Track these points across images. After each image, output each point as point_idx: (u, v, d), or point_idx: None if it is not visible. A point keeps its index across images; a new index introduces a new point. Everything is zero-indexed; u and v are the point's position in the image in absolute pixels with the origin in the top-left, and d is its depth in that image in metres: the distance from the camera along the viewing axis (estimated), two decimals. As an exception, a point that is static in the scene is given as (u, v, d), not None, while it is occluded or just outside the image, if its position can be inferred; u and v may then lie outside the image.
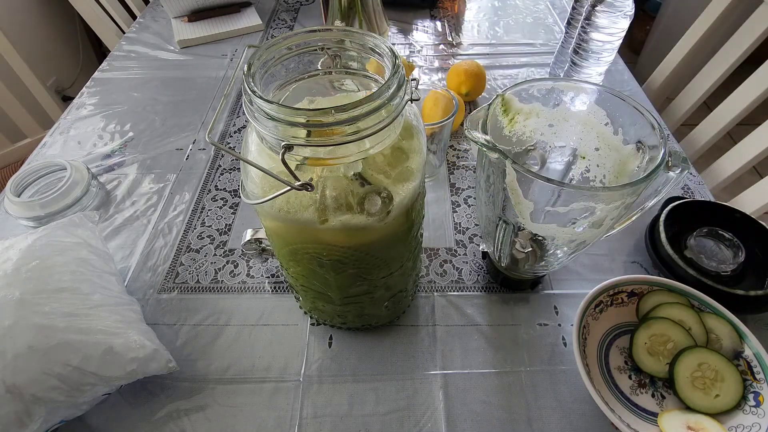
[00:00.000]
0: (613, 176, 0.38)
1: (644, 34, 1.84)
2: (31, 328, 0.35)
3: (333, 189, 0.28)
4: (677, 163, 0.32)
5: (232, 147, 0.66)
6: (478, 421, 0.39)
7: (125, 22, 1.09)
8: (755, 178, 0.65)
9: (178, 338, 0.44)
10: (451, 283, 0.49)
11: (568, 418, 0.39)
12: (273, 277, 0.50)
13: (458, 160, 0.63)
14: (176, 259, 0.51)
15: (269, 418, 0.39)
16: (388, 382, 0.41)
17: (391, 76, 0.26)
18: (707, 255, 0.47)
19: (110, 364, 0.36)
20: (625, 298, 0.44)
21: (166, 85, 0.77)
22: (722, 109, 0.71)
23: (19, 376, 0.34)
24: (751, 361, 0.37)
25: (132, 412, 0.40)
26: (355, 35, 0.29)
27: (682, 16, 1.32)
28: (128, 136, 0.67)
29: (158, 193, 0.59)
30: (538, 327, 0.45)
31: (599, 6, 0.61)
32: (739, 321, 0.39)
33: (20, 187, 0.55)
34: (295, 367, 0.42)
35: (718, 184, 0.69)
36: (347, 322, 0.43)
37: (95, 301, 0.39)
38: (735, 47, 0.70)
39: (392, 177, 0.30)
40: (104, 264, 0.44)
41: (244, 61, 0.27)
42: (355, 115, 0.24)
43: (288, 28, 0.92)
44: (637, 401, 0.39)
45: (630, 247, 0.52)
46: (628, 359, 0.42)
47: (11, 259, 0.39)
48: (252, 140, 0.29)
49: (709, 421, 0.36)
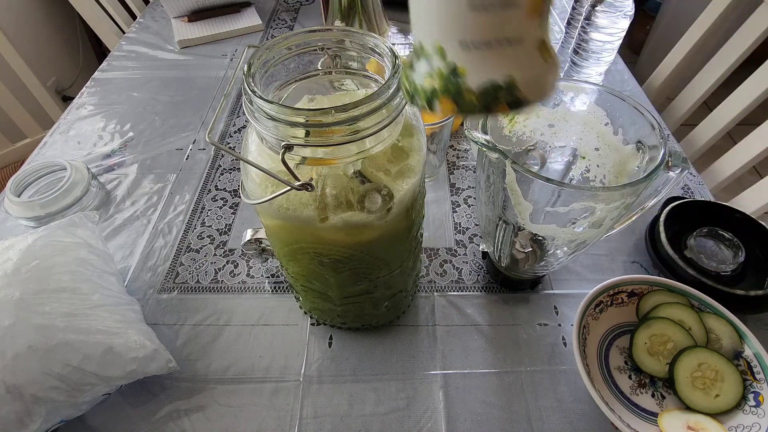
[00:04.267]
0: (613, 176, 0.38)
1: (644, 34, 1.84)
2: (31, 328, 0.35)
3: (333, 187, 0.28)
4: (677, 163, 0.32)
5: (232, 147, 0.66)
6: (478, 421, 0.39)
7: (125, 22, 1.09)
8: (755, 178, 0.65)
9: (178, 338, 0.44)
10: (451, 283, 0.49)
11: (568, 418, 0.39)
12: (273, 277, 0.49)
13: (458, 160, 0.63)
14: (176, 259, 0.51)
15: (269, 418, 0.39)
16: (388, 382, 0.41)
17: (391, 76, 0.26)
18: (707, 255, 0.47)
19: (110, 364, 0.36)
20: (625, 298, 0.44)
21: (166, 85, 0.77)
22: (722, 109, 0.71)
23: (19, 376, 0.34)
24: (751, 361, 0.37)
25: (132, 412, 0.40)
26: (355, 35, 0.29)
27: (682, 16, 1.32)
28: (128, 136, 0.67)
29: (158, 193, 0.59)
30: (538, 327, 0.45)
31: (599, 6, 0.61)
32: (739, 321, 0.39)
33: (20, 187, 0.55)
34: (295, 367, 0.42)
35: (718, 184, 0.69)
36: (347, 322, 0.43)
37: (95, 301, 0.39)
38: (735, 47, 0.70)
39: (392, 175, 0.30)
40: (104, 264, 0.44)
41: (244, 61, 0.27)
42: (355, 115, 0.24)
43: (288, 28, 0.92)
44: (637, 401, 0.39)
45: (630, 247, 0.52)
46: (628, 359, 0.42)
47: (11, 259, 0.39)
48: (252, 140, 0.30)
49: (709, 421, 0.36)
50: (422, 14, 0.18)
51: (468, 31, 0.16)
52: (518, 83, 0.17)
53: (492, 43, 0.17)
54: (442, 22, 0.17)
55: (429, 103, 0.18)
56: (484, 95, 0.17)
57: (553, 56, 0.19)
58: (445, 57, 0.17)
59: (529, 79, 0.17)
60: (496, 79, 0.17)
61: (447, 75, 0.17)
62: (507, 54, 0.17)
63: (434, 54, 0.18)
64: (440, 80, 0.18)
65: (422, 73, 0.18)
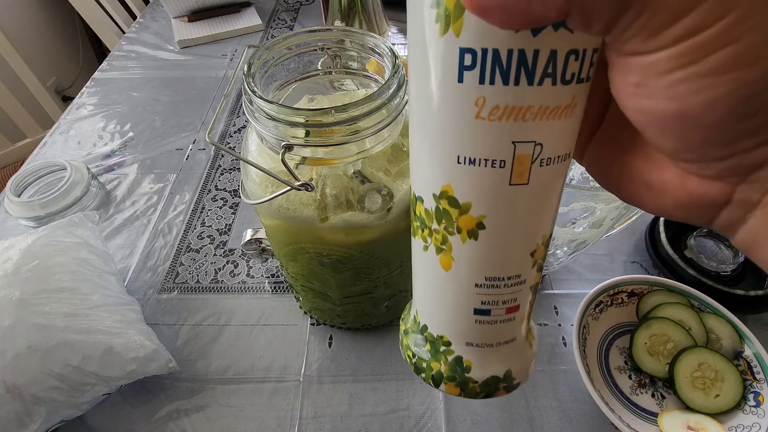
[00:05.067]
0: (613, 176, 0.38)
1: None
2: (31, 328, 0.35)
3: (333, 187, 0.28)
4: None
5: (232, 147, 0.66)
6: (478, 421, 0.39)
7: (125, 22, 1.09)
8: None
9: (178, 338, 0.44)
10: (451, 283, 0.49)
11: (568, 418, 0.39)
12: (273, 277, 0.49)
13: (458, 160, 0.63)
14: (176, 259, 0.51)
15: (269, 418, 0.39)
16: (388, 382, 0.41)
17: (391, 76, 0.26)
18: (707, 255, 0.47)
19: (110, 364, 0.36)
20: (625, 298, 0.44)
21: (166, 85, 0.77)
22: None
23: (19, 376, 0.34)
24: (751, 361, 0.37)
25: (132, 412, 0.40)
26: (355, 35, 0.29)
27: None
28: (128, 136, 0.67)
29: (158, 193, 0.59)
30: (538, 327, 0.45)
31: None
32: (739, 321, 0.39)
33: (20, 187, 0.55)
34: (295, 367, 0.42)
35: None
36: (347, 322, 0.43)
37: (95, 301, 0.39)
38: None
39: (392, 175, 0.30)
40: (104, 264, 0.44)
41: (244, 61, 0.27)
42: (355, 114, 0.24)
43: (288, 28, 0.92)
44: (637, 401, 0.39)
45: (630, 247, 0.52)
46: (628, 359, 0.42)
47: (11, 259, 0.39)
48: (252, 140, 0.30)
49: (709, 421, 0.36)
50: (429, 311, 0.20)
51: (474, 337, 0.19)
52: (513, 373, 0.20)
53: (494, 344, 0.20)
54: (452, 326, 0.19)
55: (435, 383, 0.21)
56: (485, 386, 0.20)
57: (535, 338, 0.22)
58: (452, 349, 0.20)
59: (521, 368, 0.21)
60: (497, 374, 0.20)
61: (453, 365, 0.20)
62: (505, 351, 0.20)
63: (440, 343, 0.20)
64: (447, 367, 0.20)
65: (426, 351, 0.21)
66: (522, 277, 0.18)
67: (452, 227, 0.16)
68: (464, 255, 0.17)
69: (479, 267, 0.17)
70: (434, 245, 0.18)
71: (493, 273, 0.17)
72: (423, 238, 0.18)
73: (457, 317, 0.19)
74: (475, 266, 0.17)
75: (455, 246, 0.17)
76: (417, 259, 0.20)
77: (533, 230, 0.17)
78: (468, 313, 0.18)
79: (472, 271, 0.17)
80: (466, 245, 0.16)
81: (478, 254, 0.17)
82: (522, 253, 0.17)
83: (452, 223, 0.16)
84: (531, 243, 0.17)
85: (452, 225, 0.16)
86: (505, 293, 0.18)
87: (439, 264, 0.18)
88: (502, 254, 0.17)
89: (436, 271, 0.18)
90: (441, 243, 0.17)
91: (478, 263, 0.17)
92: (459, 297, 0.18)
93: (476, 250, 0.16)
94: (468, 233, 0.16)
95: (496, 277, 0.17)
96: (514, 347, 0.20)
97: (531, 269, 0.18)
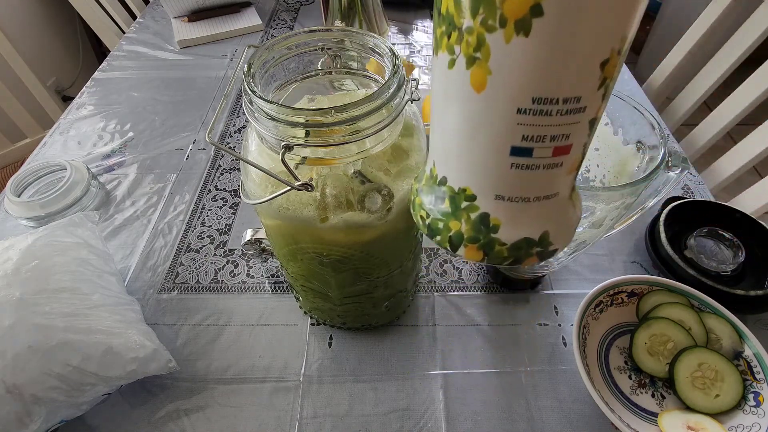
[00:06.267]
0: (613, 176, 0.38)
1: (644, 34, 1.84)
2: (31, 328, 0.35)
3: (333, 187, 0.28)
4: (677, 163, 0.32)
5: (232, 147, 0.66)
6: (478, 421, 0.39)
7: (125, 22, 1.09)
8: (755, 178, 0.65)
9: (178, 338, 0.44)
10: (451, 283, 0.49)
11: (568, 418, 0.39)
12: (273, 277, 0.49)
13: (458, 160, 0.63)
14: (176, 259, 0.51)
15: (269, 418, 0.39)
16: (388, 382, 0.41)
17: (391, 76, 0.26)
18: (707, 255, 0.47)
19: (110, 364, 0.36)
20: (625, 298, 0.44)
21: (166, 85, 0.77)
22: (722, 109, 0.71)
23: (19, 376, 0.34)
24: (751, 361, 0.37)
25: (132, 412, 0.40)
26: (355, 35, 0.29)
27: (682, 16, 1.32)
28: (128, 136, 0.67)
29: (158, 193, 0.59)
30: (538, 327, 0.45)
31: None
32: (739, 321, 0.39)
33: (20, 187, 0.55)
34: (295, 367, 0.42)
35: (718, 184, 0.69)
36: (347, 322, 0.43)
37: (95, 301, 0.39)
38: (735, 47, 0.70)
39: (392, 175, 0.30)
40: (104, 264, 0.44)
41: (244, 61, 0.27)
42: (355, 114, 0.24)
43: (288, 28, 0.92)
44: (637, 401, 0.39)
45: (630, 247, 0.52)
46: (628, 359, 0.42)
47: (11, 259, 0.39)
48: (252, 140, 0.29)
49: (709, 421, 0.36)
50: (449, 157, 0.16)
51: (507, 188, 0.15)
52: (551, 236, 0.16)
53: (531, 199, 0.15)
54: (479, 173, 0.15)
55: (453, 246, 0.17)
56: (515, 249, 0.16)
57: (579, 199, 0.18)
58: (477, 205, 0.16)
59: (561, 230, 0.17)
60: (531, 235, 0.16)
61: (477, 223, 0.16)
62: (543, 209, 0.15)
63: (462, 197, 0.16)
64: (468, 227, 0.16)
65: (444, 210, 0.17)
66: (582, 103, 0.13)
67: (493, 18, 0.11)
68: (506, 63, 0.12)
69: (526, 81, 0.12)
70: (464, 55, 0.12)
71: (545, 92, 0.12)
72: (449, 48, 0.13)
73: (488, 160, 0.14)
74: (521, 80, 0.12)
75: (495, 50, 0.12)
76: (439, 85, 0.15)
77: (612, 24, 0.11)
78: (502, 153, 0.14)
79: (515, 88, 0.12)
80: (511, 46, 0.11)
81: (526, 60, 0.12)
82: (590, 60, 0.12)
83: (494, 11, 0.11)
84: (605, 46, 0.12)
85: (494, 14, 0.11)
86: (555, 125, 0.13)
87: (468, 83, 0.13)
88: (561, 60, 0.12)
89: (465, 94, 0.13)
90: (475, 49, 0.12)
91: (526, 75, 0.12)
92: (492, 130, 0.13)
93: (525, 53, 0.12)
94: (516, 25, 0.11)
95: (547, 98, 0.12)
96: (556, 204, 0.16)
97: (596, 92, 0.13)
